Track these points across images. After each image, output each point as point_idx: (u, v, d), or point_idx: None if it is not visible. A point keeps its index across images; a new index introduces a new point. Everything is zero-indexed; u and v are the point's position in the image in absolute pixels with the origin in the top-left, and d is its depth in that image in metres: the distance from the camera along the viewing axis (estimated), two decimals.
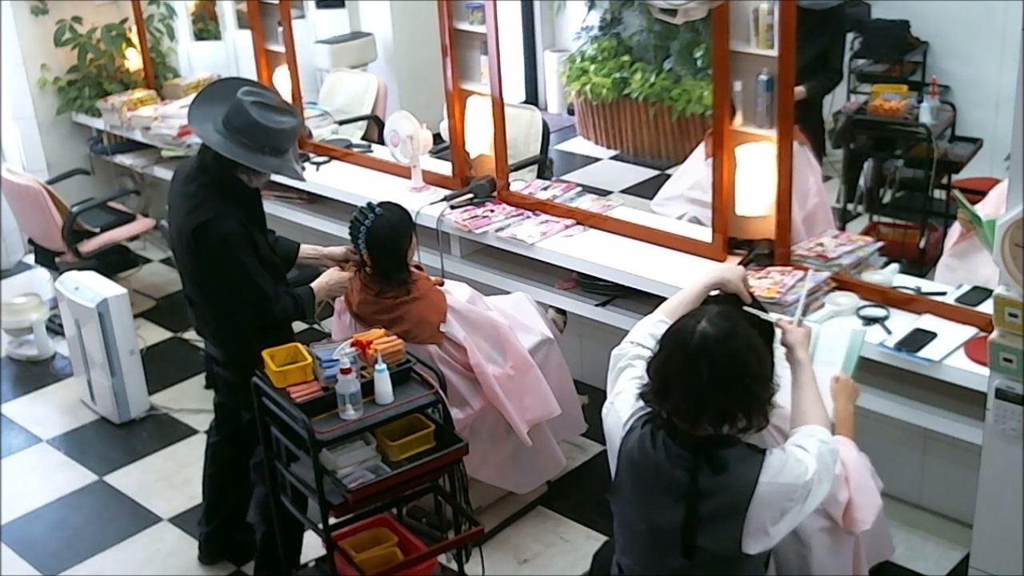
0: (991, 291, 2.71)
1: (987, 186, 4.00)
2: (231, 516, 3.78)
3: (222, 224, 3.23)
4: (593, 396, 4.01)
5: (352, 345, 3.05)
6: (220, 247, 3.24)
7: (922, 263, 4.88)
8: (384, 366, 2.99)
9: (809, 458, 2.37)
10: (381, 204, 3.58)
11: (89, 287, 4.63)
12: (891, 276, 3.57)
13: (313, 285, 3.56)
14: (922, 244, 5.08)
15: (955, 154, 5.18)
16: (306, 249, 3.75)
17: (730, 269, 2.88)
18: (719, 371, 2.26)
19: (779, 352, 2.75)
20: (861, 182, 5.40)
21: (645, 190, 6.19)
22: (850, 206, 5.47)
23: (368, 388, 2.98)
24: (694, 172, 4.60)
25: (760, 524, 2.31)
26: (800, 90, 4.92)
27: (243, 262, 3.26)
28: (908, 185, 5.35)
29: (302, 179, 3.51)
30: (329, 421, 2.93)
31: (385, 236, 3.52)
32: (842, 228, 5.00)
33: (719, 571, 2.41)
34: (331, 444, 2.93)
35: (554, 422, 3.80)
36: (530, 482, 3.88)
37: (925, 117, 4.96)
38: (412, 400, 3.04)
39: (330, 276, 3.63)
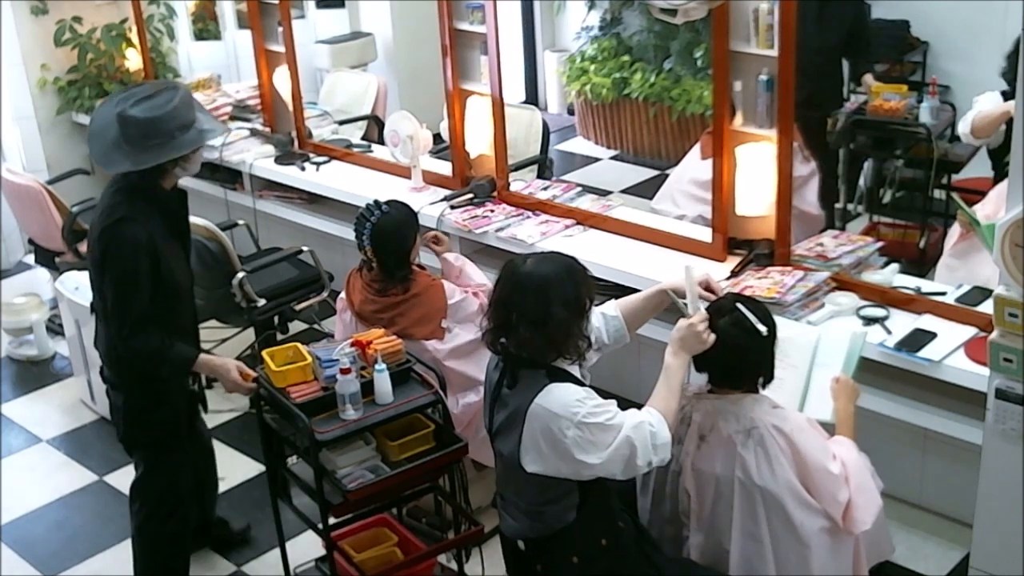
0: (991, 291, 2.70)
1: (987, 186, 4.00)
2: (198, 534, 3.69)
3: (130, 227, 3.06)
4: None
5: (352, 345, 3.05)
6: (120, 247, 3.08)
7: (922, 263, 4.88)
8: (384, 366, 2.99)
9: (618, 417, 2.52)
10: (387, 202, 3.58)
11: (89, 287, 4.61)
12: (891, 276, 3.57)
13: (203, 356, 3.25)
14: (922, 244, 5.08)
15: (955, 154, 5.17)
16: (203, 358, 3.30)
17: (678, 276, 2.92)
18: (499, 294, 2.59)
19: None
20: (861, 182, 5.40)
21: (645, 190, 6.18)
22: (850, 206, 5.46)
23: (368, 388, 2.99)
24: (689, 169, 4.63)
25: (533, 442, 2.53)
26: (868, 79, 5.13)
27: (135, 271, 3.07)
28: (908, 185, 5.34)
29: (222, 130, 3.52)
30: (329, 421, 2.94)
31: (390, 234, 3.51)
32: (842, 228, 5.00)
33: (516, 476, 2.61)
34: (331, 444, 2.93)
35: None
36: None
37: (925, 117, 4.95)
38: (412, 400, 3.05)
39: (228, 366, 3.23)
